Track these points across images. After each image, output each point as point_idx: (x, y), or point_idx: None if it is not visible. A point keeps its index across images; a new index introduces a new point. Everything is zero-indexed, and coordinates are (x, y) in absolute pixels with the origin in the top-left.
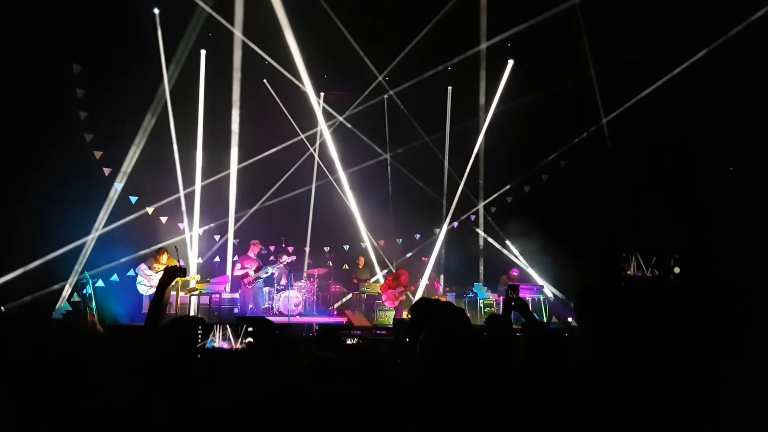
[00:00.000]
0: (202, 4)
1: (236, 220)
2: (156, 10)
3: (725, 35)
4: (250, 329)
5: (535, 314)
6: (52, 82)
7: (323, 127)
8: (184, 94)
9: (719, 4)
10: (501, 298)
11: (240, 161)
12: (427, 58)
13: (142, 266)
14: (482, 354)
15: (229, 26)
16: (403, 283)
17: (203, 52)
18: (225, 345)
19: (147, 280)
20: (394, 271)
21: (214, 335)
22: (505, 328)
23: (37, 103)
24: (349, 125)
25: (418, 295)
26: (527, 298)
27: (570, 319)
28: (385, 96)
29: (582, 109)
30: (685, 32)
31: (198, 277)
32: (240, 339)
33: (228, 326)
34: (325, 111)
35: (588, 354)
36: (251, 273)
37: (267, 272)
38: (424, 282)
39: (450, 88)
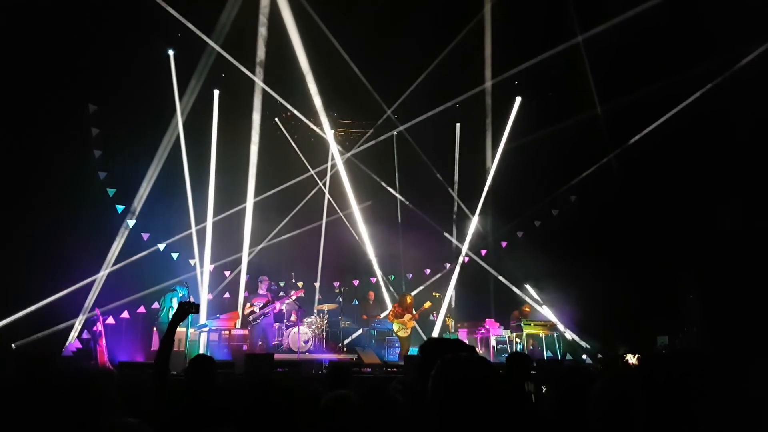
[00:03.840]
0: (215, 46)
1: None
2: (170, 52)
3: (729, 70)
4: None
5: (549, 351)
6: (67, 122)
7: (338, 162)
8: (197, 133)
9: (722, 41)
10: (514, 334)
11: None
12: (436, 95)
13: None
14: (499, 388)
15: (247, 72)
16: (409, 308)
17: (216, 92)
18: None
19: None
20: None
21: None
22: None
23: (52, 142)
24: (360, 164)
25: (436, 331)
26: (540, 335)
27: (585, 356)
28: (395, 132)
29: (591, 143)
30: (690, 67)
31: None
32: None
33: None
34: (335, 147)
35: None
36: (256, 310)
37: (275, 308)
38: (440, 319)
39: (458, 124)
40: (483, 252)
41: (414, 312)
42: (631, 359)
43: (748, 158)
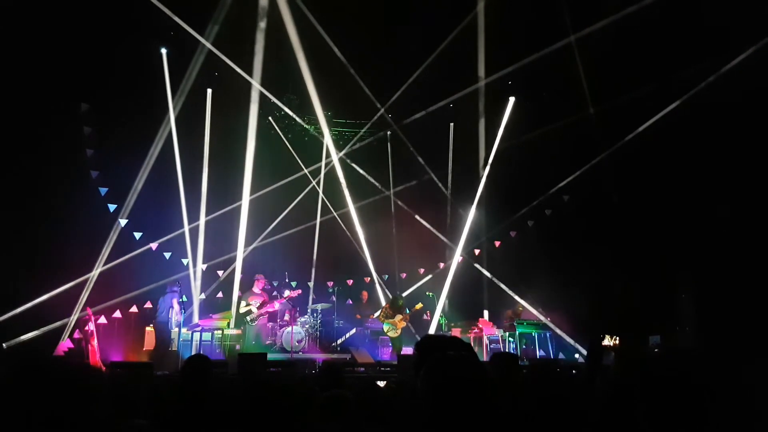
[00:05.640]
0: (209, 45)
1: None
2: (164, 50)
3: (723, 68)
4: None
5: (541, 350)
6: (59, 120)
7: (335, 161)
8: (190, 132)
9: (715, 39)
10: (507, 333)
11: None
12: (430, 95)
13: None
14: (488, 386)
15: (241, 72)
16: (401, 309)
17: (209, 91)
18: None
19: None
20: (390, 298)
21: None
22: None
23: (44, 141)
24: (354, 164)
25: (431, 330)
26: (533, 334)
27: (577, 356)
28: (389, 132)
29: (584, 142)
30: (684, 65)
31: None
32: None
33: None
34: (332, 146)
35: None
36: (254, 309)
37: (273, 308)
38: (435, 318)
39: (452, 124)
40: (476, 251)
41: (405, 313)
42: (608, 341)
43: (742, 157)
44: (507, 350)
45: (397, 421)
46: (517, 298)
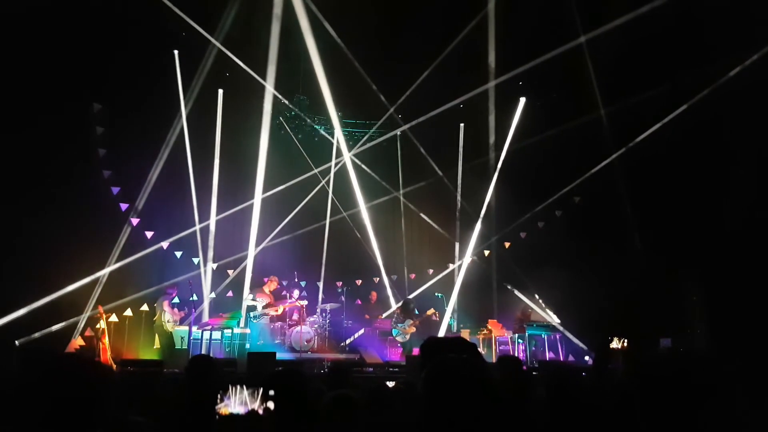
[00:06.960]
0: (220, 46)
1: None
2: (175, 51)
3: (734, 71)
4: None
5: (551, 352)
6: (72, 120)
7: (347, 161)
8: (201, 132)
9: (726, 43)
10: (517, 335)
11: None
12: (440, 96)
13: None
14: (489, 389)
15: (252, 73)
16: (410, 313)
17: (220, 92)
18: (241, 409)
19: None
20: (400, 304)
21: (228, 398)
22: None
23: (57, 140)
24: (363, 165)
25: (441, 332)
26: (543, 336)
27: (587, 358)
28: (398, 132)
29: (595, 143)
30: (695, 68)
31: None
32: (259, 401)
33: (244, 387)
34: (344, 146)
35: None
36: (259, 307)
37: (278, 311)
38: (445, 320)
39: (462, 125)
40: (486, 252)
41: (415, 317)
42: (616, 344)
43: (752, 159)
44: (516, 352)
45: (404, 421)
46: (526, 299)
